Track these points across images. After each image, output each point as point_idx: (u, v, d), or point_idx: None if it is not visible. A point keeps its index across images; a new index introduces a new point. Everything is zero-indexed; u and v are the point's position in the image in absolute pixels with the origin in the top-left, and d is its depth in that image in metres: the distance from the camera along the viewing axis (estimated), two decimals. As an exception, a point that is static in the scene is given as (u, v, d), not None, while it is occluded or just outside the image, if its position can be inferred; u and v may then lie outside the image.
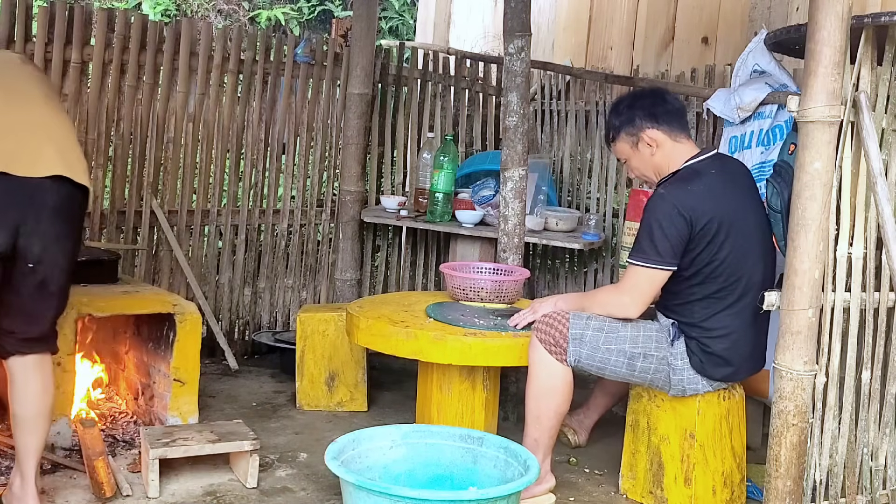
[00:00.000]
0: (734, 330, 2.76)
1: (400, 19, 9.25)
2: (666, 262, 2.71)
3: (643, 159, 2.91)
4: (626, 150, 2.93)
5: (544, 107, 5.00)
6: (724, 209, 2.73)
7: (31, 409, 2.49)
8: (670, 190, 2.76)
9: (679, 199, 2.71)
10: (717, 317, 2.75)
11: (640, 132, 2.88)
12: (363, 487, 2.31)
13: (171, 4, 8.52)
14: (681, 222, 2.68)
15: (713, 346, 2.75)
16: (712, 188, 2.75)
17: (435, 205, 4.19)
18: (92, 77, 3.95)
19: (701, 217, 2.69)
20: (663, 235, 2.69)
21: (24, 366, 2.48)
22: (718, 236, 2.70)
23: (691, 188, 2.74)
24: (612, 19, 5.35)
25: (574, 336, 2.79)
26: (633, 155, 2.92)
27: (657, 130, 2.86)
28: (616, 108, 2.96)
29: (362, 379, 3.74)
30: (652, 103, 2.89)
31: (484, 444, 2.69)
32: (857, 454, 2.63)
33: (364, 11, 4.43)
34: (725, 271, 2.72)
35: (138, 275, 4.06)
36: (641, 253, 2.74)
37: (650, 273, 2.73)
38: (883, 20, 2.47)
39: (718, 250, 2.71)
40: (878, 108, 2.59)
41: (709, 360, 2.76)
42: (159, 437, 2.84)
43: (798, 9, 4.30)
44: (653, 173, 2.92)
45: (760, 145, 3.63)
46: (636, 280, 2.77)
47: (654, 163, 2.89)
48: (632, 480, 2.99)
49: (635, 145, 2.90)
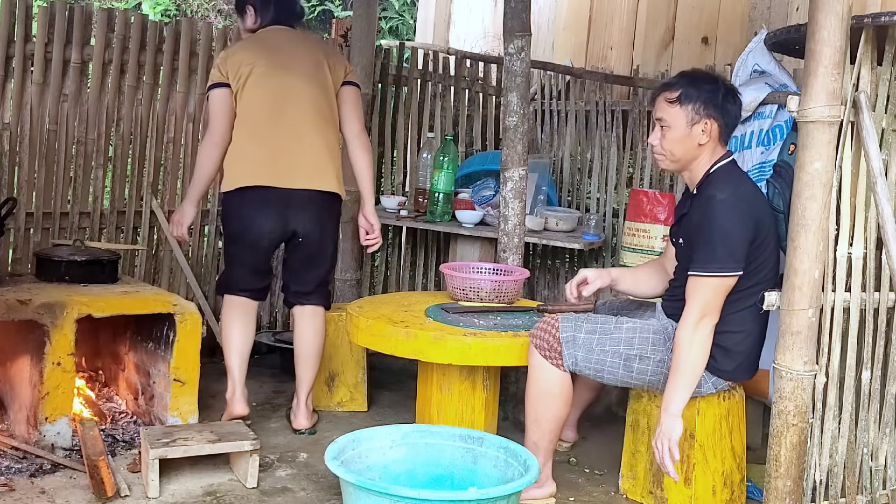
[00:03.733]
0: (750, 327, 2.74)
1: (400, 19, 9.25)
2: (739, 267, 2.61)
3: (687, 141, 2.71)
4: (681, 121, 2.70)
5: (544, 107, 5.00)
6: (767, 210, 2.73)
7: (306, 349, 3.33)
8: (731, 192, 2.65)
9: (745, 200, 2.64)
10: (740, 314, 2.71)
11: (707, 118, 2.70)
12: (363, 487, 2.31)
13: (171, 4, 8.53)
14: (751, 224, 2.62)
15: (728, 343, 2.71)
16: (755, 190, 2.75)
17: (435, 205, 4.19)
18: (92, 77, 3.95)
19: (760, 218, 2.66)
20: (737, 239, 2.59)
21: (302, 314, 3.35)
22: (765, 237, 2.67)
23: (746, 188, 2.70)
24: (612, 19, 5.35)
25: (566, 339, 2.77)
26: (683, 129, 2.70)
27: (718, 126, 2.73)
28: (699, 80, 2.74)
29: (362, 379, 3.74)
30: (732, 100, 2.76)
31: (484, 444, 2.69)
32: (857, 454, 2.63)
33: (364, 11, 4.43)
34: (761, 271, 2.69)
35: (138, 275, 4.07)
36: (714, 262, 2.58)
37: (723, 282, 2.61)
38: (883, 20, 2.47)
39: (762, 251, 2.67)
40: (878, 108, 2.58)
41: (725, 356, 2.73)
42: (159, 437, 2.84)
43: (798, 9, 4.30)
44: (681, 157, 2.74)
45: (760, 145, 3.63)
46: (708, 296, 2.59)
47: (692, 151, 2.73)
48: (632, 480, 2.99)
49: (693, 124, 2.70)
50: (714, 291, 2.60)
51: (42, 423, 2.99)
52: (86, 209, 3.98)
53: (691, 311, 2.61)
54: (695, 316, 2.60)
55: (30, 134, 3.80)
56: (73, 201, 3.95)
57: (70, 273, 3.28)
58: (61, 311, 2.98)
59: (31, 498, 2.69)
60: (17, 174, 3.84)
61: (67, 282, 3.26)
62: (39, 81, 3.80)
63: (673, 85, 2.76)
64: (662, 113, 2.75)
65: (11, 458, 2.93)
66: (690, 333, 2.60)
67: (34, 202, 3.85)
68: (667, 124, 2.74)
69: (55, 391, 3.00)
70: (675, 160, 2.77)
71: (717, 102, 2.71)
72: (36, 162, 3.84)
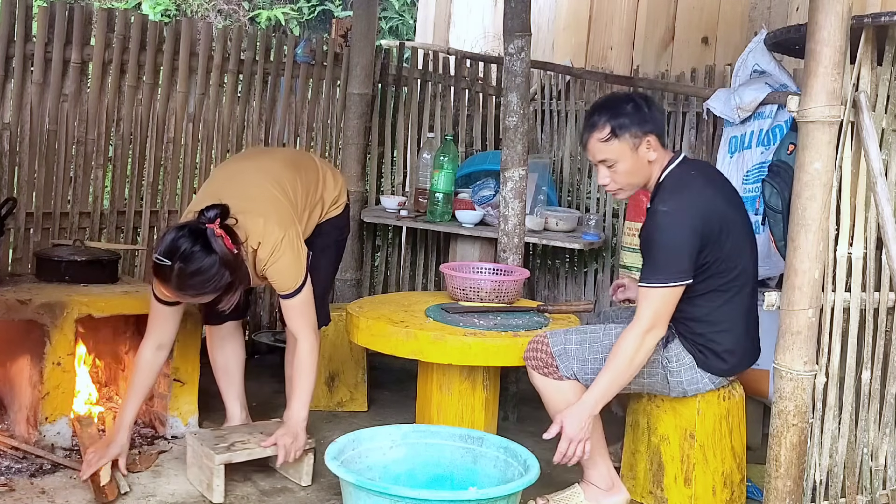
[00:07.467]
0: (736, 321, 2.76)
1: (400, 19, 9.26)
2: (686, 276, 2.63)
3: (638, 165, 2.74)
4: (625, 151, 2.72)
5: (544, 107, 5.00)
6: (719, 207, 2.71)
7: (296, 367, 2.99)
8: (673, 204, 2.66)
9: (687, 210, 2.64)
10: (721, 310, 2.73)
11: (645, 135, 2.71)
12: (363, 487, 2.31)
13: (171, 4, 8.53)
14: (695, 234, 2.62)
15: (719, 339, 2.73)
16: (703, 190, 2.71)
17: (435, 205, 4.19)
18: (92, 77, 3.95)
19: (708, 221, 2.65)
20: (681, 251, 2.61)
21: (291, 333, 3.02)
22: (721, 234, 2.68)
23: (690, 196, 2.68)
24: (612, 19, 5.35)
25: (557, 352, 2.76)
26: (630, 157, 2.73)
27: (655, 136, 2.75)
28: (617, 105, 2.74)
29: (362, 379, 3.74)
30: (652, 105, 2.80)
31: (484, 444, 2.69)
32: (857, 454, 2.63)
33: (364, 11, 4.43)
34: (727, 265, 2.71)
35: (138, 275, 4.07)
36: (659, 274, 2.61)
37: (672, 291, 2.63)
38: (883, 20, 2.47)
39: (721, 247, 2.68)
40: (878, 108, 2.58)
41: (714, 354, 2.74)
42: (215, 441, 2.83)
43: (798, 9, 4.30)
44: (638, 181, 2.78)
45: (760, 145, 3.63)
46: (657, 305, 2.61)
47: (645, 170, 2.75)
48: (632, 480, 2.99)
49: (636, 148, 2.72)
50: (663, 301, 2.63)
51: (42, 423, 2.99)
52: (86, 209, 3.98)
53: (641, 320, 2.63)
54: (644, 325, 2.62)
55: (30, 134, 3.80)
56: (73, 201, 3.95)
57: (70, 273, 3.28)
58: (61, 311, 2.98)
59: (31, 498, 2.69)
60: (17, 174, 3.84)
61: (67, 282, 3.26)
62: (39, 81, 3.80)
63: (597, 123, 2.74)
64: (602, 154, 2.75)
65: (11, 458, 2.93)
66: (638, 342, 2.62)
67: (34, 202, 3.84)
68: (612, 161, 2.75)
69: (55, 391, 3.00)
70: (635, 185, 2.81)
71: (644, 116, 2.72)
72: (36, 162, 3.83)
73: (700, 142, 4.25)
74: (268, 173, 2.94)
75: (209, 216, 2.62)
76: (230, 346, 3.19)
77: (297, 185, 2.98)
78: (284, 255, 2.77)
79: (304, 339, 2.88)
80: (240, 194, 2.79)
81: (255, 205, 2.79)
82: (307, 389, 2.90)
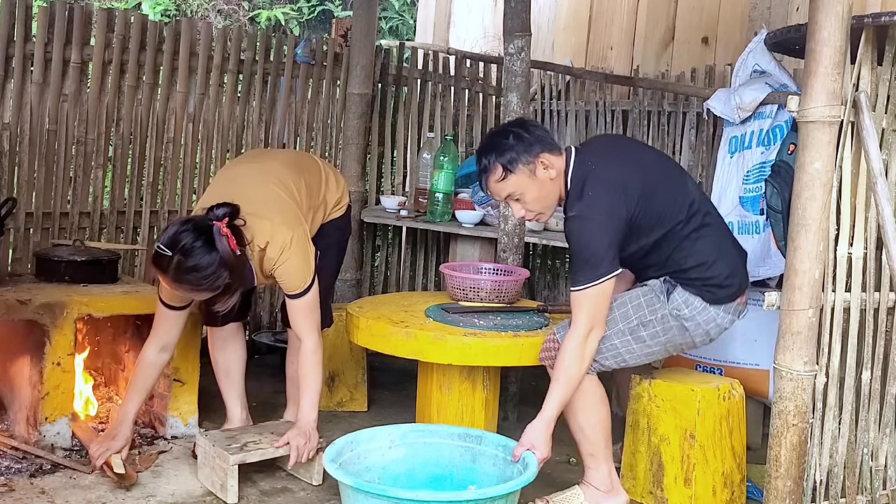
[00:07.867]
0: (719, 249, 2.75)
1: (400, 19, 9.26)
2: (610, 269, 2.62)
3: (542, 187, 2.70)
4: (524, 181, 2.69)
5: (544, 107, 5.00)
6: (628, 179, 2.67)
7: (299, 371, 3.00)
8: (579, 207, 2.65)
9: (592, 207, 2.63)
10: (699, 248, 2.72)
11: (536, 157, 2.67)
12: (361, 489, 2.31)
13: (170, 4, 8.53)
14: (607, 226, 2.62)
15: (714, 272, 2.72)
16: (605, 178, 2.67)
17: (435, 205, 4.19)
18: (92, 77, 3.95)
19: (622, 208, 2.63)
20: (597, 249, 2.61)
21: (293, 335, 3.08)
22: (642, 200, 2.66)
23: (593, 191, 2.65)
24: (612, 19, 5.35)
25: None
26: (532, 184, 2.69)
27: (545, 152, 2.70)
28: (498, 141, 2.71)
29: (362, 379, 3.74)
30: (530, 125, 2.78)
31: (483, 443, 2.69)
32: (857, 454, 2.63)
33: (364, 11, 4.43)
34: (673, 210, 2.70)
35: (138, 275, 4.06)
36: (583, 276, 2.61)
37: (600, 288, 2.62)
38: (883, 20, 2.47)
39: (652, 204, 2.67)
40: (878, 108, 2.58)
41: (718, 287, 2.73)
42: (227, 442, 2.83)
43: (798, 9, 4.30)
44: (551, 201, 2.76)
45: (760, 145, 3.62)
46: (590, 307, 2.62)
47: (553, 189, 2.72)
48: (632, 480, 2.99)
49: (534, 173, 2.68)
50: (595, 300, 2.63)
51: (42, 423, 2.99)
52: (86, 209, 3.98)
53: (579, 325, 2.64)
54: (583, 329, 2.63)
55: (30, 134, 3.80)
56: (72, 201, 3.95)
57: (70, 273, 3.28)
58: (61, 311, 2.98)
59: (30, 498, 2.69)
60: (17, 174, 3.84)
61: (67, 282, 3.25)
62: (39, 81, 3.80)
63: (488, 167, 2.71)
64: (505, 191, 2.73)
65: (11, 458, 2.93)
66: (580, 348, 2.64)
67: (34, 202, 3.84)
68: (518, 195, 2.73)
69: (55, 391, 3.00)
70: (551, 205, 2.79)
71: (528, 142, 2.69)
72: (36, 162, 3.83)
73: (700, 142, 4.25)
74: (272, 175, 2.94)
75: (217, 214, 2.62)
76: (231, 347, 3.19)
77: (302, 187, 2.98)
78: (294, 255, 2.77)
79: (309, 339, 2.88)
80: (245, 196, 2.78)
81: (261, 206, 2.79)
82: (315, 389, 2.91)
